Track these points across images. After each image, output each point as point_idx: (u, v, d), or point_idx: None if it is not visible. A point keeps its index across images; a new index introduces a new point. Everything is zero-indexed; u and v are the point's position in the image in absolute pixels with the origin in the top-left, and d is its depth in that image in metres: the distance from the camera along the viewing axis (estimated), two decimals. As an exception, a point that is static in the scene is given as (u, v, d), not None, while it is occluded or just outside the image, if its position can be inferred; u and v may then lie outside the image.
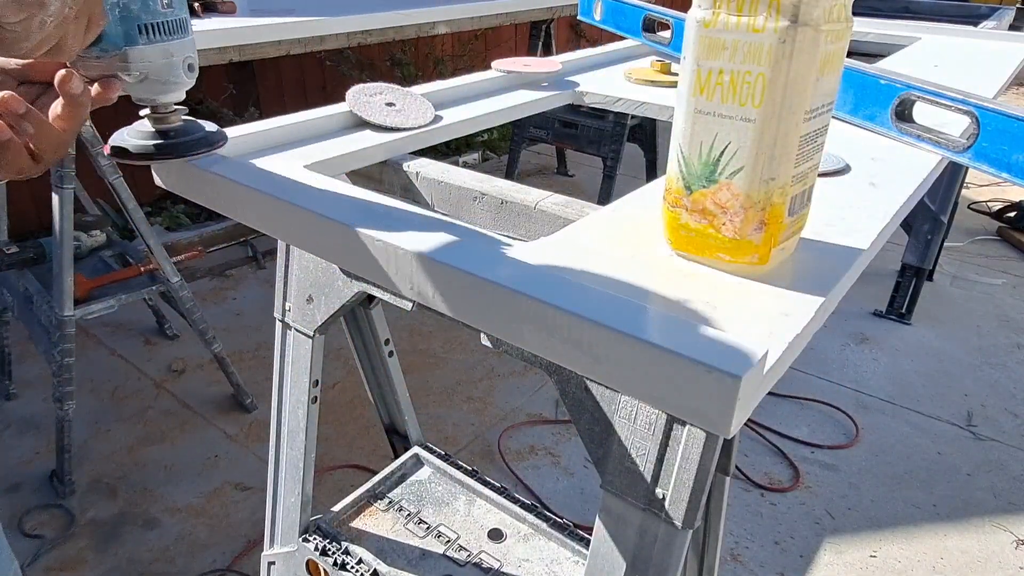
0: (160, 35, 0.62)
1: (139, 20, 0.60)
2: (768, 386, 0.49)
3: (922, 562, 1.64)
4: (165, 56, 0.63)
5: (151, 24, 0.60)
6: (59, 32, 0.50)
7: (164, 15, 0.61)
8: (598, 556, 0.60)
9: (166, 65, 0.64)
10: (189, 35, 0.65)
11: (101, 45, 0.60)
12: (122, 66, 0.61)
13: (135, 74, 0.63)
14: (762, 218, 0.57)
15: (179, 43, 0.64)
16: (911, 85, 0.93)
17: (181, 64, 0.65)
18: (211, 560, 1.62)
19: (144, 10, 0.60)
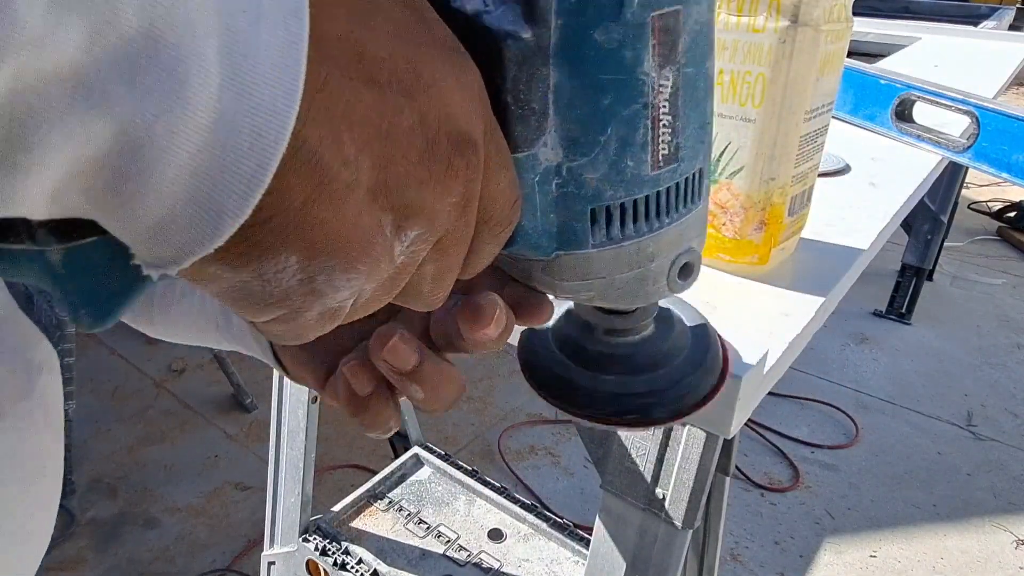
0: (636, 221, 0.27)
1: (598, 200, 0.26)
2: (768, 386, 0.49)
3: (922, 562, 1.64)
4: (634, 265, 0.28)
5: (619, 206, 0.26)
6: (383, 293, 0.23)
7: (658, 181, 0.26)
8: (598, 556, 0.60)
9: (633, 281, 0.29)
10: (699, 205, 0.29)
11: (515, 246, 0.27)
12: (550, 281, 0.28)
13: (563, 294, 0.29)
14: (762, 218, 0.57)
15: (672, 232, 0.28)
16: (911, 85, 0.93)
17: (667, 268, 0.29)
18: (211, 560, 1.62)
19: (612, 175, 0.25)
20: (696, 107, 0.26)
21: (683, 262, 0.29)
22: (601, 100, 0.24)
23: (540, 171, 0.25)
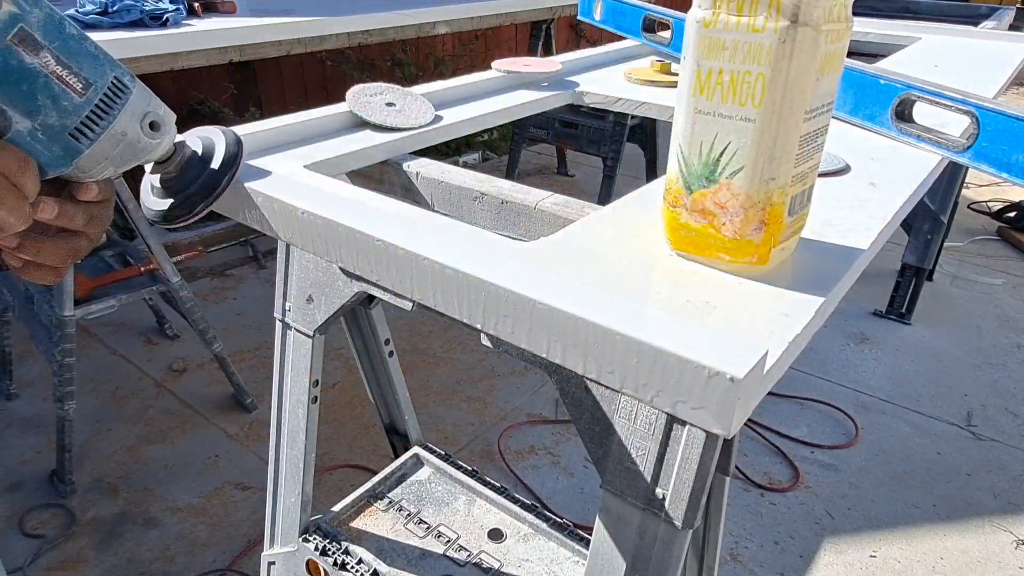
0: (98, 124, 0.50)
1: (65, 129, 0.48)
2: (768, 386, 0.49)
3: (922, 562, 1.64)
4: (118, 142, 0.51)
5: (82, 124, 0.49)
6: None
7: (89, 101, 0.49)
8: (598, 556, 0.60)
9: (126, 147, 0.52)
10: (130, 91, 0.51)
11: (48, 177, 0.50)
12: (82, 176, 0.51)
13: (102, 172, 0.52)
14: (762, 218, 0.57)
15: (124, 116, 0.51)
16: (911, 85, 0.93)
17: (141, 131, 0.53)
18: (211, 560, 1.62)
19: (63, 114, 0.48)
20: (77, 52, 0.47)
21: (149, 121, 0.53)
22: (22, 87, 0.46)
23: (26, 137, 0.47)
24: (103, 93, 0.49)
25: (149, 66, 1.65)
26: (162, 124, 0.54)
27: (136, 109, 0.51)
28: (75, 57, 0.47)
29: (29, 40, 0.45)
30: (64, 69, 0.46)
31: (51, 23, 0.46)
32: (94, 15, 1.63)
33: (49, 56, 0.46)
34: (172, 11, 1.72)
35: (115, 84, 0.50)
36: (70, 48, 0.47)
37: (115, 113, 0.50)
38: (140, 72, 1.64)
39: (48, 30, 0.45)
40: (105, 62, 0.49)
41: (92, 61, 0.48)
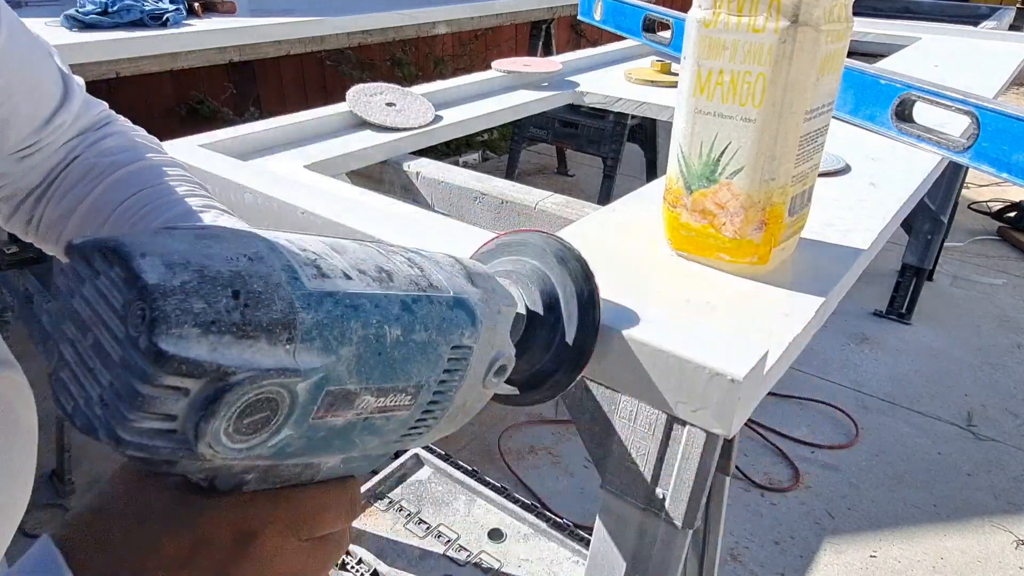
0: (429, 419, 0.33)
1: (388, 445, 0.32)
2: (768, 386, 0.49)
3: (922, 562, 1.64)
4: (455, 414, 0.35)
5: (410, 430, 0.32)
6: None
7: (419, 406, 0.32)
8: (598, 556, 0.60)
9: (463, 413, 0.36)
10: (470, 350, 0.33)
11: None
12: None
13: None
14: (762, 218, 0.57)
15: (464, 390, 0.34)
16: (911, 85, 0.93)
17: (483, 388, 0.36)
18: (211, 560, 1.62)
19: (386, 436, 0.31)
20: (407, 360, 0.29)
21: (495, 371, 0.35)
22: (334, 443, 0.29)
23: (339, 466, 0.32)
24: (440, 380, 0.32)
25: (149, 66, 1.65)
26: (508, 364, 0.36)
27: (477, 371, 0.34)
28: (403, 370, 0.29)
29: (339, 399, 0.27)
30: (386, 397, 0.29)
31: (367, 357, 0.28)
32: (94, 15, 1.63)
33: (368, 396, 0.28)
34: (172, 11, 1.72)
35: (453, 358, 0.32)
36: (394, 367, 0.29)
37: (454, 389, 0.33)
38: (140, 72, 1.64)
39: (364, 363, 0.27)
40: (441, 333, 0.31)
41: (424, 353, 0.30)
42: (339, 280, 0.27)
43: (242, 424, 0.24)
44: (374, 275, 0.29)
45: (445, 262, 0.34)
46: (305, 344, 0.25)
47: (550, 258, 0.42)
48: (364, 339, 0.27)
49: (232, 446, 0.24)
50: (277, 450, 0.26)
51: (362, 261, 0.29)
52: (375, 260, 0.30)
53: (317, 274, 0.26)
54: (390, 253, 0.31)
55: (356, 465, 0.33)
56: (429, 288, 0.31)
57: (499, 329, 0.34)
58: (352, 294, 0.27)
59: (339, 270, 0.27)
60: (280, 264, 0.25)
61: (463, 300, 0.32)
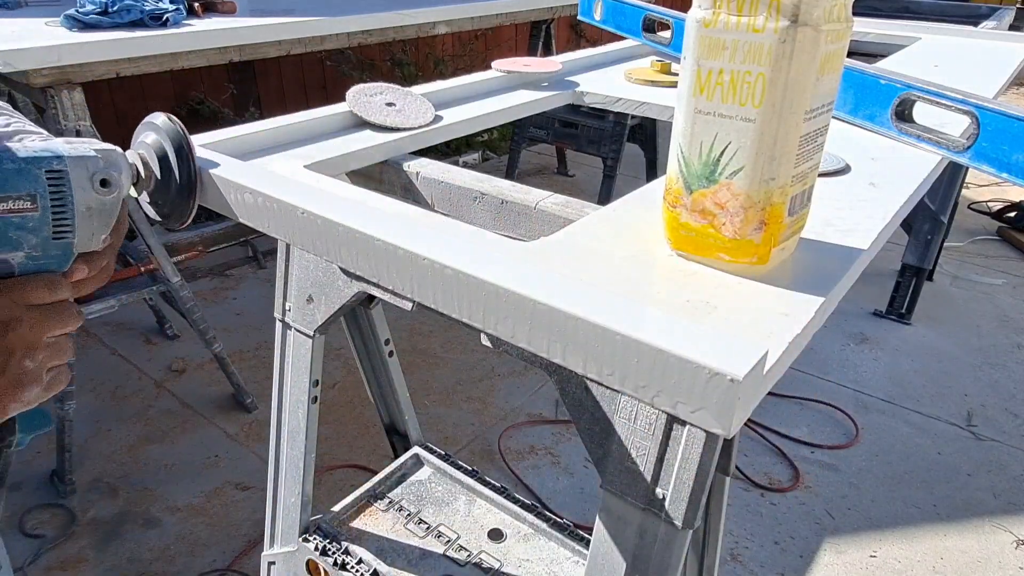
0: (65, 216, 0.54)
1: (48, 240, 0.53)
2: (768, 386, 0.49)
3: (922, 562, 1.64)
4: (90, 215, 0.56)
5: (54, 227, 0.53)
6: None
7: (44, 208, 0.52)
8: (598, 556, 0.60)
9: (100, 213, 0.56)
10: (66, 172, 0.54)
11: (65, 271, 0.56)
12: (88, 250, 0.58)
13: (99, 240, 0.58)
14: (762, 218, 0.57)
15: (78, 195, 0.55)
16: (911, 85, 0.93)
17: (99, 196, 0.56)
18: (211, 559, 1.62)
19: (37, 231, 0.52)
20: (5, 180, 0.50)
21: (98, 182, 0.55)
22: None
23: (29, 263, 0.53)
24: (50, 193, 0.52)
25: (149, 66, 1.66)
26: (110, 178, 0.56)
27: (82, 184, 0.54)
28: (6, 184, 0.49)
29: None
30: (6, 202, 0.50)
31: None
32: (94, 15, 1.63)
33: None
34: (172, 11, 1.72)
35: (51, 178, 0.52)
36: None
37: (69, 198, 0.53)
38: (140, 72, 1.64)
39: None
40: (30, 165, 0.51)
41: (20, 176, 0.50)
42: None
43: None
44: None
45: (54, 137, 0.55)
46: None
47: (161, 131, 0.67)
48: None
49: None
50: None
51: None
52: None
53: None
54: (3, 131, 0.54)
55: (43, 262, 0.53)
56: (20, 146, 0.51)
57: (89, 160, 0.54)
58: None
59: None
60: None
61: (50, 147, 0.52)
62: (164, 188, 0.67)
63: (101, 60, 1.54)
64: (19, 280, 0.51)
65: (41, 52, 1.43)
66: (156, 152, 0.66)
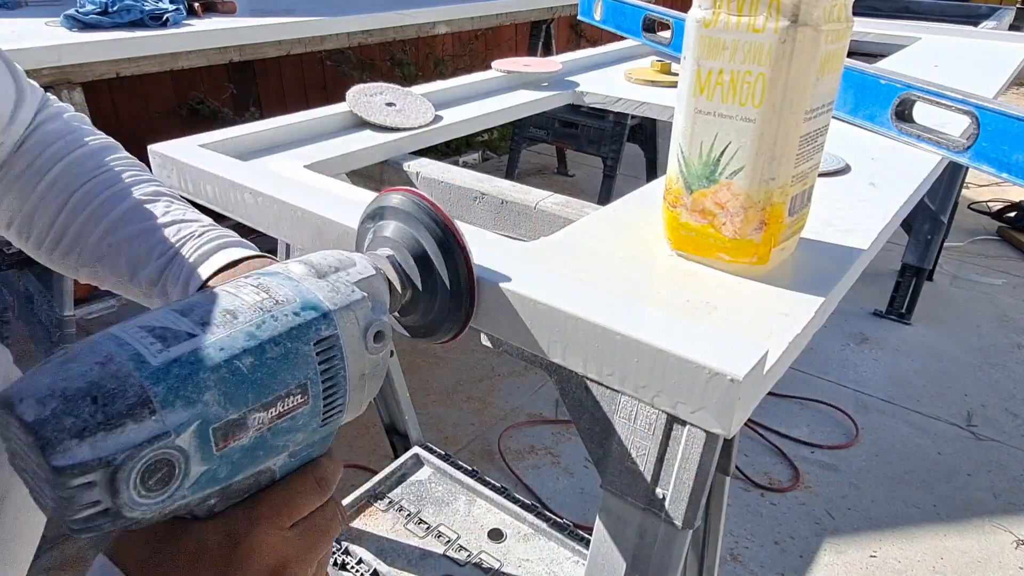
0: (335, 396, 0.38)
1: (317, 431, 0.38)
2: (768, 386, 0.49)
3: (922, 562, 1.64)
4: (362, 383, 0.40)
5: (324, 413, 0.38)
6: None
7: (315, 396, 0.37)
8: (598, 556, 0.60)
9: (371, 378, 0.40)
10: (337, 337, 0.37)
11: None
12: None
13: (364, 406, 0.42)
14: (762, 218, 0.57)
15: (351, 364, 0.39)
16: (911, 85, 0.93)
17: (373, 355, 0.40)
18: (211, 560, 1.62)
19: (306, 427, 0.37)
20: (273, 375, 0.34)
21: (372, 337, 0.39)
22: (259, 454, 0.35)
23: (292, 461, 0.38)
24: (321, 371, 0.36)
25: (149, 66, 1.65)
26: (384, 329, 0.40)
27: (353, 347, 0.38)
28: (274, 382, 0.34)
29: (231, 428, 0.33)
30: (274, 407, 0.34)
31: (232, 390, 0.33)
32: (94, 15, 1.63)
33: (256, 414, 0.34)
34: (172, 11, 1.72)
35: (321, 350, 0.36)
36: (263, 384, 0.34)
37: (342, 371, 0.38)
38: (140, 72, 1.64)
39: (232, 396, 0.32)
40: (296, 341, 0.35)
41: (287, 363, 0.35)
42: (183, 343, 0.32)
43: (150, 484, 0.30)
44: (219, 321, 0.34)
45: (296, 271, 0.39)
46: (167, 409, 0.30)
47: (412, 219, 0.48)
48: (221, 379, 0.32)
49: (153, 501, 0.30)
50: (203, 484, 0.32)
51: (207, 313, 0.34)
52: (221, 305, 0.35)
53: (162, 347, 0.31)
54: (240, 288, 0.37)
55: (305, 454, 0.38)
56: (274, 306, 0.36)
57: (357, 307, 0.39)
58: (195, 349, 0.32)
59: (183, 332, 0.32)
60: (127, 355, 0.31)
61: (310, 301, 0.37)
62: (427, 298, 0.49)
63: (101, 60, 1.54)
64: (282, 492, 0.37)
65: (41, 52, 1.43)
66: (410, 251, 0.48)
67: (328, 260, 0.41)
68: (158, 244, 0.54)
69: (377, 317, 0.40)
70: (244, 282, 0.37)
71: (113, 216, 0.54)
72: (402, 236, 0.48)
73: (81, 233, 0.54)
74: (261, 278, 0.38)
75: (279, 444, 0.35)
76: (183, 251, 0.53)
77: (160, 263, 0.53)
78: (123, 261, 0.54)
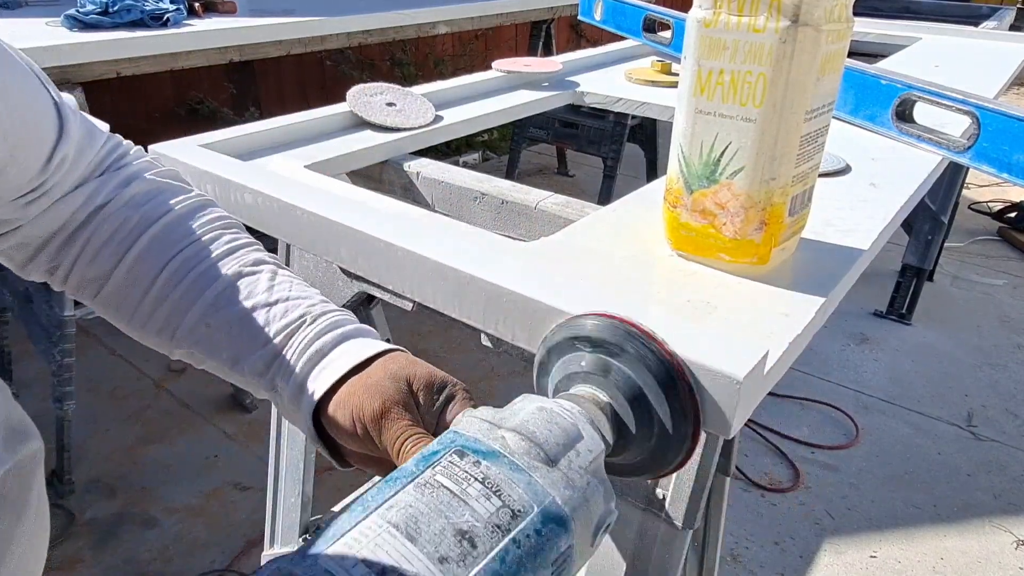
0: None
1: None
2: (768, 386, 0.49)
3: (922, 563, 1.64)
4: None
5: None
6: None
7: None
8: (598, 556, 0.60)
9: None
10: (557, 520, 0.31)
11: None
12: None
13: None
14: (762, 218, 0.57)
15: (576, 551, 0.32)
16: (912, 85, 0.93)
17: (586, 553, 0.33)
18: (210, 560, 1.62)
19: None
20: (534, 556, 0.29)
21: (603, 531, 0.33)
22: None
23: None
24: None
25: (149, 66, 1.65)
26: (612, 523, 0.34)
27: (584, 551, 0.32)
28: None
29: None
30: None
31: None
32: (94, 15, 1.63)
33: None
34: (172, 11, 1.72)
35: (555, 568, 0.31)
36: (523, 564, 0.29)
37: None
38: (140, 72, 1.64)
39: None
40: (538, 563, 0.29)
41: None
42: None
43: None
44: (456, 553, 0.27)
45: (519, 449, 0.32)
46: None
47: (626, 355, 0.40)
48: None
49: None
50: None
51: (438, 537, 0.28)
52: (452, 522, 0.28)
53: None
54: (464, 485, 0.30)
55: None
56: (512, 522, 0.29)
57: (592, 501, 0.32)
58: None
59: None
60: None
61: (549, 510, 0.30)
62: (640, 441, 0.41)
63: (101, 60, 1.54)
64: None
65: (41, 52, 1.43)
66: (624, 393, 0.40)
67: (555, 435, 0.33)
68: (262, 330, 0.47)
69: (608, 508, 0.33)
70: (464, 471, 0.31)
71: (210, 295, 0.48)
72: (616, 378, 0.40)
73: (174, 311, 0.48)
74: (483, 464, 0.31)
75: None
76: (293, 342, 0.47)
77: (266, 353, 0.47)
78: (223, 347, 0.48)
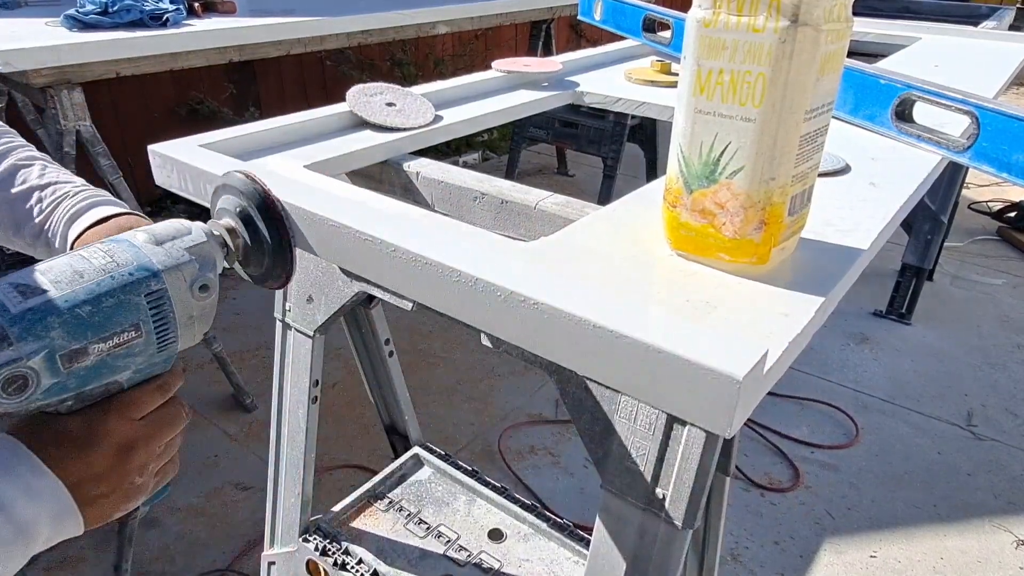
0: (168, 332, 0.51)
1: (153, 358, 0.50)
2: (768, 386, 0.49)
3: (922, 562, 1.64)
4: (191, 322, 0.52)
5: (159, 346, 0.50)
6: None
7: (149, 331, 0.49)
8: (598, 556, 0.60)
9: (200, 318, 0.53)
10: (165, 290, 0.49)
11: None
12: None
13: (198, 339, 0.55)
14: (762, 218, 0.57)
15: (178, 310, 0.51)
16: (911, 85, 0.93)
17: (200, 302, 0.53)
18: (211, 560, 1.62)
19: (144, 354, 0.50)
20: (108, 319, 0.47)
21: (198, 289, 0.52)
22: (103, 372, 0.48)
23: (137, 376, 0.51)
24: (152, 315, 0.49)
25: (149, 66, 1.65)
26: (208, 283, 0.53)
27: (181, 297, 0.51)
28: (109, 323, 0.46)
29: (75, 354, 0.45)
30: (111, 340, 0.47)
31: (73, 329, 0.45)
32: (94, 15, 1.63)
33: (96, 345, 0.46)
34: (172, 11, 1.72)
35: (151, 300, 0.49)
36: (101, 324, 0.46)
37: (171, 314, 0.50)
38: (140, 72, 1.64)
39: (74, 332, 0.45)
40: (128, 294, 0.47)
41: (121, 310, 0.47)
42: (38, 297, 0.44)
43: (10, 391, 0.43)
44: (68, 279, 0.46)
45: (140, 239, 0.51)
46: (21, 342, 0.43)
47: (242, 194, 0.60)
48: (64, 322, 0.44)
49: (13, 401, 0.43)
50: (55, 391, 0.45)
51: (61, 273, 0.46)
52: (73, 267, 0.47)
53: (22, 299, 0.44)
54: (92, 253, 0.48)
55: (149, 371, 0.51)
56: (115, 268, 0.47)
57: (185, 267, 0.51)
58: (45, 300, 0.44)
59: (40, 288, 0.45)
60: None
61: (144, 264, 0.49)
62: (257, 253, 0.61)
63: (101, 60, 1.54)
64: (129, 394, 0.50)
65: (41, 52, 1.43)
66: (241, 217, 0.60)
67: (167, 230, 0.53)
68: (37, 203, 0.65)
69: (203, 274, 0.52)
70: (97, 248, 0.49)
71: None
72: (235, 207, 0.61)
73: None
74: (110, 244, 0.50)
75: (120, 365, 0.48)
76: (59, 209, 0.64)
77: (40, 220, 0.64)
78: (7, 219, 0.65)
